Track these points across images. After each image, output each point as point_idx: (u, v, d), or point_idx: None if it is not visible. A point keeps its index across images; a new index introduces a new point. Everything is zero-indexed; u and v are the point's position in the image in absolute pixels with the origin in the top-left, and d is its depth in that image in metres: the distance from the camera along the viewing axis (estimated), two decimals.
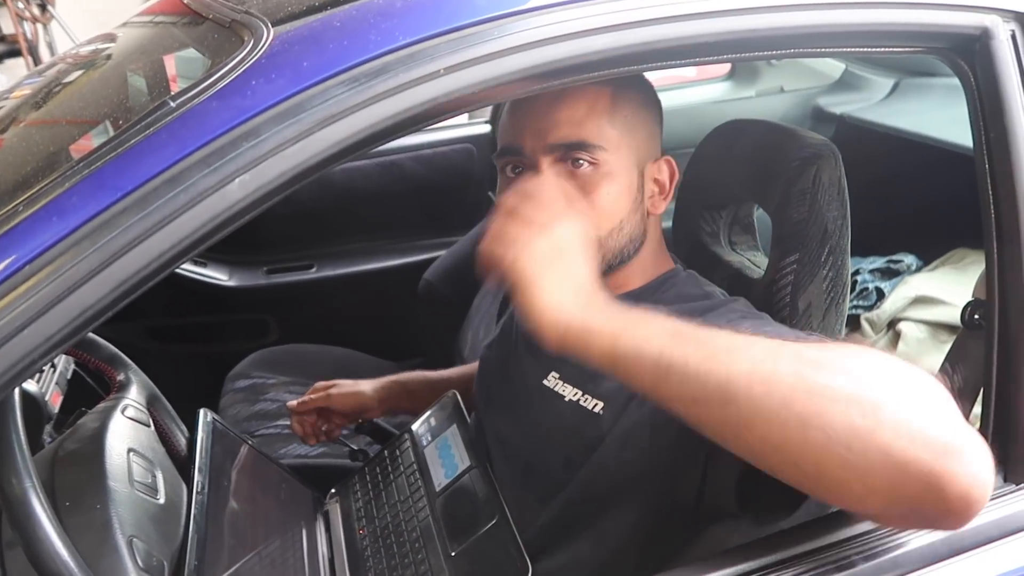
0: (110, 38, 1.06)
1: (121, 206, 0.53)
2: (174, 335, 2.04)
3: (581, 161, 0.83)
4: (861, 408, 0.51)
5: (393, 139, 0.61)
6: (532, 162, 0.84)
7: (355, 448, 1.48)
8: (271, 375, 1.82)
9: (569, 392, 0.88)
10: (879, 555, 0.66)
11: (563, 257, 0.65)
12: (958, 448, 0.51)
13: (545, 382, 0.91)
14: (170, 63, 0.87)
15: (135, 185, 0.53)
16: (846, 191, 0.93)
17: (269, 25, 0.63)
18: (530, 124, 0.84)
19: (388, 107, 0.59)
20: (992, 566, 0.68)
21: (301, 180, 0.58)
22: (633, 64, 0.68)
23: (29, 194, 0.54)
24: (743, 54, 0.76)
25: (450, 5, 0.64)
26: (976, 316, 0.81)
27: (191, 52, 0.81)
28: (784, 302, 0.93)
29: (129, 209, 0.52)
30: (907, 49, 0.81)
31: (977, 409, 0.82)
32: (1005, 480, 0.73)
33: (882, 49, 0.81)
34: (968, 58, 0.80)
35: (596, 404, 0.85)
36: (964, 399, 0.87)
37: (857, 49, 0.79)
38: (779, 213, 0.94)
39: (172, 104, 0.56)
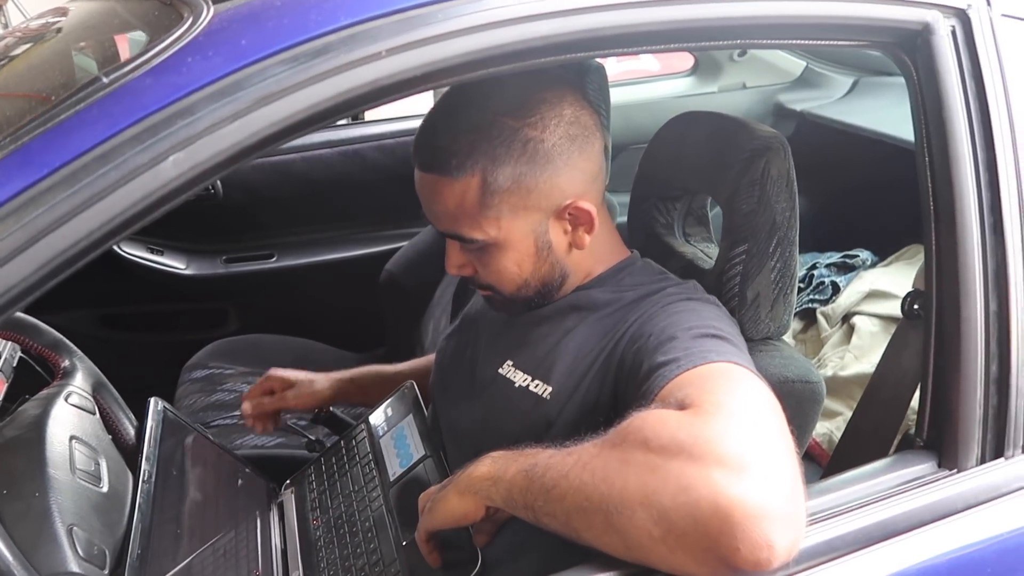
0: (61, 12, 1.04)
1: (48, 183, 0.51)
2: (129, 324, 2.01)
3: (467, 243, 0.86)
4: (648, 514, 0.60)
5: (334, 121, 0.60)
6: None
7: (312, 439, 1.47)
8: (229, 365, 1.80)
9: (520, 378, 0.89)
10: (813, 536, 0.67)
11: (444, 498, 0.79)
12: (733, 522, 0.57)
13: (500, 370, 0.92)
14: (122, 44, 0.86)
15: (63, 161, 0.52)
16: (795, 183, 0.94)
17: (210, 3, 0.62)
18: (424, 205, 0.88)
19: (328, 88, 0.59)
20: (924, 549, 0.69)
21: (238, 160, 0.57)
22: (578, 51, 0.68)
23: None
24: (689, 43, 0.76)
25: None
26: (916, 306, 0.82)
27: (139, 32, 0.79)
28: (733, 292, 0.94)
29: (57, 186, 0.51)
30: (852, 43, 0.82)
31: (914, 403, 0.84)
32: (939, 466, 0.75)
33: (827, 42, 0.82)
34: (911, 53, 0.81)
35: (545, 389, 0.86)
36: (905, 389, 0.89)
37: (803, 41, 0.81)
38: (729, 204, 0.95)
39: (105, 80, 0.55)
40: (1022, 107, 0.79)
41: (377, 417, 1.23)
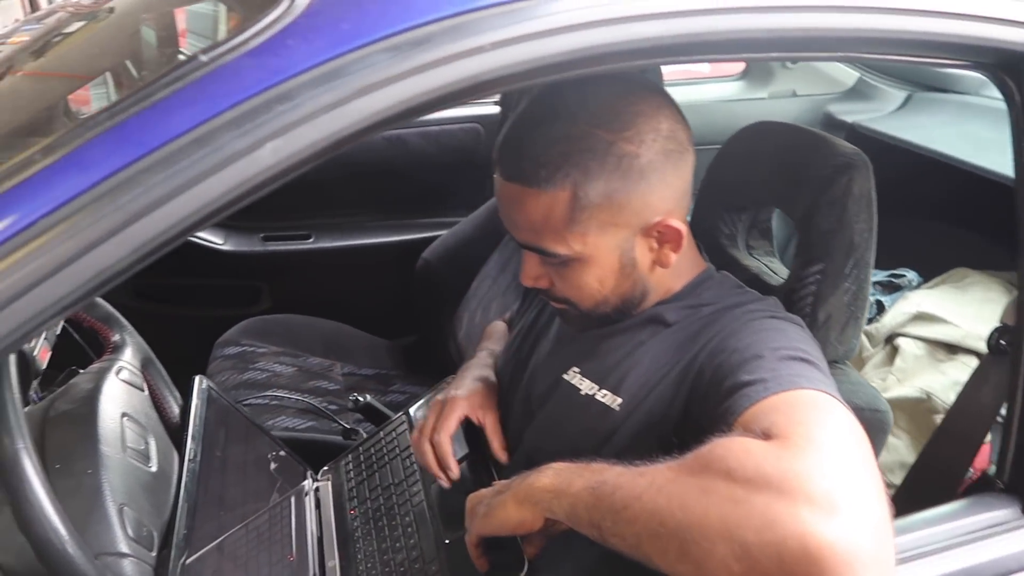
0: None
1: (145, 163, 0.49)
2: (163, 296, 2.00)
3: (548, 256, 0.83)
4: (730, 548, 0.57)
5: (431, 113, 0.58)
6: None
7: (347, 426, 1.45)
8: (261, 344, 1.79)
9: (586, 386, 0.87)
10: None
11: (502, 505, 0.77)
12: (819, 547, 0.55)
13: (565, 376, 0.90)
14: (181, 17, 0.84)
15: (161, 142, 0.50)
16: (875, 204, 0.91)
17: None
18: (504, 213, 0.85)
19: (429, 80, 0.56)
20: None
21: (334, 150, 0.55)
22: (683, 55, 0.66)
23: (45, 143, 0.50)
24: (787, 52, 0.73)
25: None
26: (1002, 341, 0.79)
27: (206, 7, 0.77)
28: (804, 312, 0.91)
29: (153, 167, 0.49)
30: (952, 62, 0.79)
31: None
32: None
33: (927, 60, 0.79)
34: (1015, 76, 0.78)
35: (615, 400, 0.84)
36: (981, 426, 0.86)
37: (903, 57, 0.77)
38: (806, 221, 0.92)
39: (204, 59, 0.53)
40: None
41: (419, 411, 1.21)
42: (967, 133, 1.93)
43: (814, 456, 0.60)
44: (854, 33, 0.72)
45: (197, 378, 1.11)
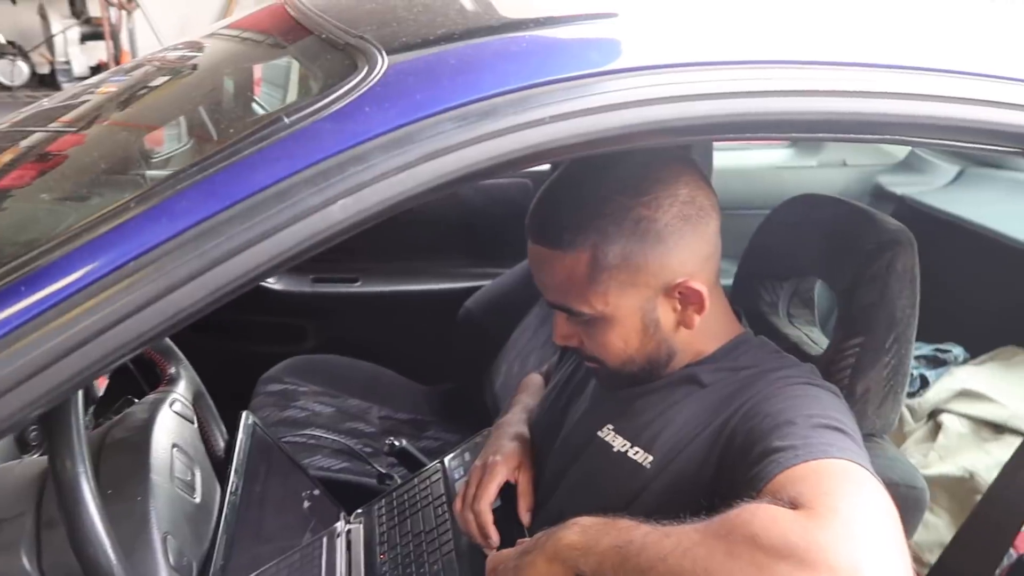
0: (198, 47, 1.09)
1: (228, 214, 0.53)
2: (216, 329, 2.06)
3: (574, 315, 0.87)
4: None
5: (491, 178, 0.61)
6: None
7: (382, 471, 1.47)
8: (303, 383, 1.83)
9: (619, 443, 0.88)
10: None
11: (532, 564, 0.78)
12: None
13: (599, 433, 0.91)
14: (260, 76, 0.89)
15: (245, 195, 0.54)
16: (918, 281, 0.92)
17: (384, 53, 0.64)
18: (534, 274, 0.90)
19: (492, 148, 0.60)
20: None
21: (398, 209, 0.58)
22: (732, 132, 0.69)
23: (140, 192, 0.55)
24: (842, 134, 0.75)
25: (562, 54, 0.65)
26: None
27: (286, 68, 0.82)
28: (843, 384, 0.91)
29: (235, 218, 0.53)
30: (1005, 149, 0.81)
31: None
32: None
33: (978, 146, 0.81)
34: None
35: (647, 458, 0.85)
36: (1020, 510, 0.85)
37: (953, 143, 0.79)
38: (847, 294, 0.93)
39: (286, 120, 0.58)
40: None
41: (454, 460, 1.23)
42: (1019, 211, 1.92)
43: (839, 528, 0.61)
44: (908, 120, 0.74)
45: (244, 413, 1.15)
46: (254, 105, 0.78)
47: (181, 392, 1.03)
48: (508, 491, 1.04)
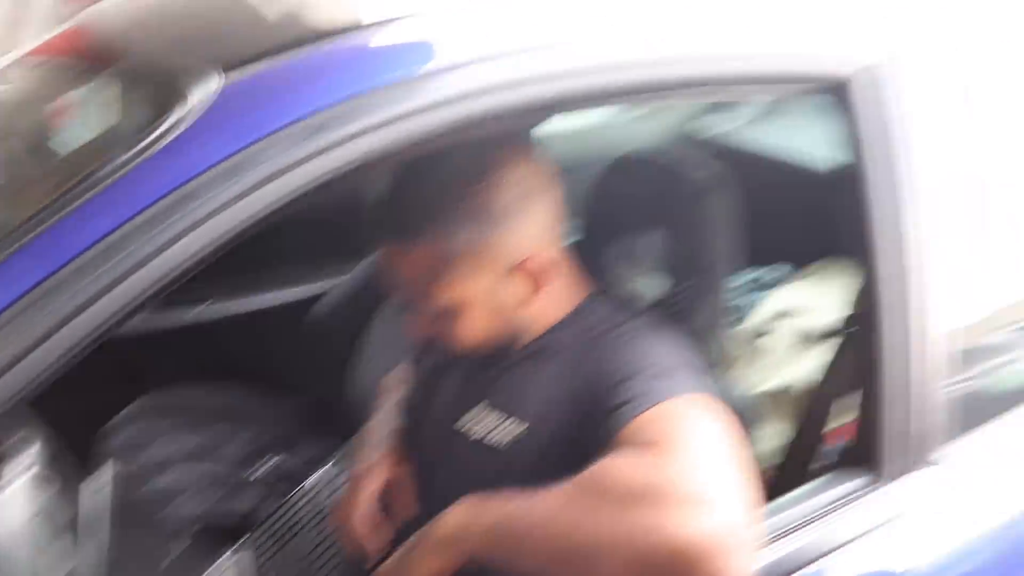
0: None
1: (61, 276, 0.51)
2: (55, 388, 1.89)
3: (426, 309, 0.88)
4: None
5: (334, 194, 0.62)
6: None
7: (251, 500, 1.44)
8: (157, 422, 1.73)
9: (484, 425, 0.91)
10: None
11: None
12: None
13: (461, 421, 0.94)
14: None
15: (76, 252, 0.51)
16: (735, 220, 1.02)
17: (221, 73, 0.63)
18: (382, 272, 0.91)
19: (326, 162, 0.61)
20: (866, 558, 0.77)
21: (244, 236, 0.58)
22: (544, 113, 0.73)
23: None
24: (644, 99, 0.82)
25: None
26: (851, 328, 0.92)
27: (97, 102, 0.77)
28: (682, 322, 1.00)
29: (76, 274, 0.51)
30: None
31: None
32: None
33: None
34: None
35: (520, 426, 0.88)
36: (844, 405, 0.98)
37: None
38: (674, 241, 1.02)
39: (107, 168, 0.55)
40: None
41: (328, 472, 1.22)
42: (808, 138, 2.12)
43: (683, 461, 0.68)
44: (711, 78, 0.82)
45: (100, 469, 1.08)
46: (69, 151, 0.73)
47: (35, 454, 0.96)
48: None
